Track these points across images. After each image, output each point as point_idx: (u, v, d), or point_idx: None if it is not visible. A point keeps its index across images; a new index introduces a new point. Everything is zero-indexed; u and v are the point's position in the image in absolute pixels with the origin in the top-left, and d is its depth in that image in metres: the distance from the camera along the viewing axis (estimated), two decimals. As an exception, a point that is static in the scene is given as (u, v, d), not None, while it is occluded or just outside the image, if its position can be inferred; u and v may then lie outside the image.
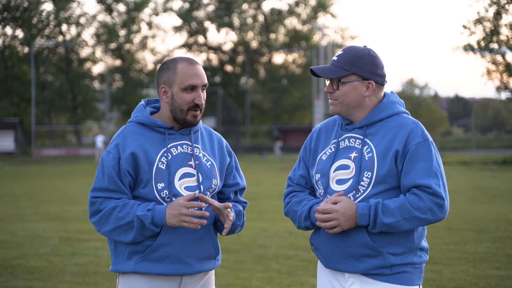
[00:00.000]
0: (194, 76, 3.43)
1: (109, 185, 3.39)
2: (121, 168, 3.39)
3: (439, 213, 3.28)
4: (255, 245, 10.66)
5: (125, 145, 3.43)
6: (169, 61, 3.49)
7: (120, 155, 3.41)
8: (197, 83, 3.43)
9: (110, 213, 3.36)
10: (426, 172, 3.26)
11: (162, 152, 3.43)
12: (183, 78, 3.42)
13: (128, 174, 3.40)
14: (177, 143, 3.48)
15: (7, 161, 41.34)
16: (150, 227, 3.31)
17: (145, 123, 3.48)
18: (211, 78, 68.61)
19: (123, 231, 3.36)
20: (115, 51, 61.62)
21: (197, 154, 3.50)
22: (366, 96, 3.38)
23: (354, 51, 3.39)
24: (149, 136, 3.46)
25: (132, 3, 61.14)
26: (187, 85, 3.41)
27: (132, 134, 3.46)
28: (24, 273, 8.52)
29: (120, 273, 3.48)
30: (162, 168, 3.41)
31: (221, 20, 64.99)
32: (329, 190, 3.38)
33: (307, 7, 66.50)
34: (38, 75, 57.17)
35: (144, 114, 3.50)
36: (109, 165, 3.41)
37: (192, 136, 3.51)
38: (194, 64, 3.46)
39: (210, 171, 3.51)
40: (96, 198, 3.40)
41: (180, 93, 3.42)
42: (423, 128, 3.36)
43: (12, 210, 15.37)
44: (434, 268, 8.76)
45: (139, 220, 3.31)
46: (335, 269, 3.39)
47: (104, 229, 3.39)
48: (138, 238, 3.36)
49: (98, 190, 3.40)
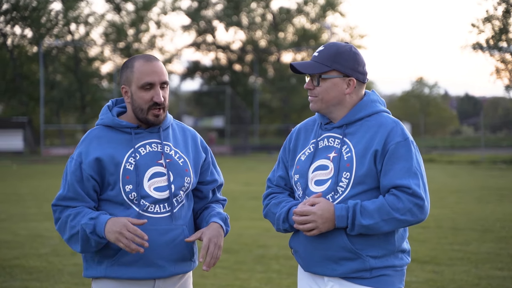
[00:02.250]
0: (151, 73, 3.30)
1: (68, 193, 3.32)
2: (83, 173, 3.31)
3: (419, 214, 3.18)
4: (256, 245, 10.59)
5: (88, 151, 3.34)
6: (128, 60, 3.40)
7: (82, 160, 3.32)
8: (154, 80, 3.31)
9: (66, 222, 3.29)
10: (406, 172, 3.17)
11: (130, 153, 3.34)
12: (140, 76, 3.31)
13: (92, 179, 3.31)
14: (146, 142, 3.38)
15: (16, 160, 41.41)
16: (92, 237, 3.21)
17: (111, 125, 3.39)
18: (220, 77, 68.57)
19: (75, 240, 3.28)
20: (123, 50, 61.60)
21: (168, 152, 3.39)
22: (347, 94, 3.30)
23: (335, 47, 3.31)
24: (115, 138, 3.37)
25: (140, 2, 61.12)
26: (143, 83, 3.30)
27: (97, 139, 3.37)
28: (22, 273, 8.49)
29: (93, 278, 3.40)
30: (130, 169, 3.32)
31: (230, 19, 64.92)
32: (307, 191, 3.30)
33: (316, 6, 66.36)
34: (47, 75, 57.25)
35: (109, 116, 3.41)
36: (70, 172, 3.34)
37: (162, 133, 3.41)
38: (151, 61, 3.33)
39: (183, 168, 3.40)
40: (56, 207, 3.35)
41: (138, 92, 3.32)
42: (403, 127, 3.27)
43: (16, 210, 15.37)
44: (436, 269, 8.68)
45: (82, 230, 3.23)
46: (314, 273, 3.31)
47: (64, 238, 3.33)
48: (87, 249, 3.26)
49: (57, 199, 3.34)
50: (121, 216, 3.29)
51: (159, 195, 3.33)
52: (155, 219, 3.32)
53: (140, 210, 3.31)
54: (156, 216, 3.33)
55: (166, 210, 3.35)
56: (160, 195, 3.33)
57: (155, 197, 3.32)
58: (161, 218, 3.34)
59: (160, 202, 3.34)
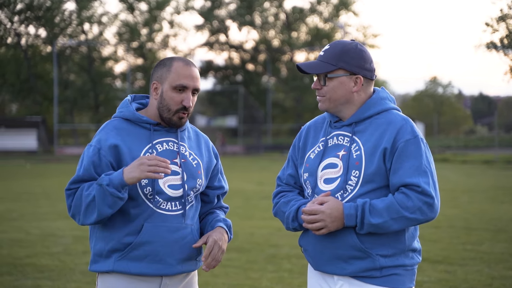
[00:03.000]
0: (188, 76, 3.33)
1: (83, 176, 3.29)
2: (102, 159, 3.30)
3: (429, 213, 3.15)
4: (268, 244, 10.56)
5: (107, 138, 3.33)
6: (167, 59, 3.41)
7: (101, 147, 3.31)
8: (189, 84, 3.33)
9: (80, 195, 3.25)
10: (415, 170, 3.14)
11: (147, 148, 3.35)
12: (176, 77, 3.32)
13: (111, 166, 3.30)
14: (163, 139, 3.39)
15: (30, 160, 41.58)
16: (108, 190, 3.16)
17: (130, 118, 3.40)
18: (233, 77, 68.58)
19: (91, 209, 3.22)
20: (137, 50, 61.78)
21: (183, 152, 3.42)
22: (354, 92, 3.27)
23: (340, 45, 3.28)
24: (134, 131, 3.37)
25: (154, 2, 61.27)
26: (177, 84, 3.32)
27: (116, 129, 3.37)
28: (34, 272, 8.49)
29: (99, 273, 3.39)
30: None
31: (243, 19, 64.96)
32: (317, 190, 3.28)
33: (329, 5, 66.31)
34: (61, 74, 57.48)
35: (129, 109, 3.41)
36: (88, 157, 3.31)
37: (179, 134, 3.42)
38: (190, 66, 3.36)
39: (196, 170, 3.42)
40: (70, 190, 3.30)
41: (169, 92, 3.33)
42: (413, 125, 3.23)
43: (29, 209, 15.40)
44: (449, 269, 8.63)
45: (98, 186, 3.19)
46: (324, 272, 3.28)
47: (80, 215, 3.26)
48: (104, 210, 3.20)
49: (71, 182, 3.31)
50: (134, 213, 3.30)
51: (172, 193, 3.34)
52: (167, 216, 3.33)
53: (154, 206, 3.32)
54: (168, 213, 3.34)
55: (178, 208, 3.35)
56: (174, 193, 3.34)
57: (169, 195, 3.33)
58: (173, 216, 3.35)
59: (173, 200, 3.34)
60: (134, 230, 3.30)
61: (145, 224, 3.29)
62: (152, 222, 3.29)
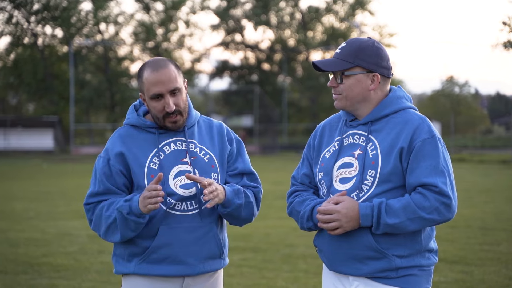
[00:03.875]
0: (157, 83, 3.27)
1: (98, 189, 3.33)
2: (112, 169, 3.33)
3: (446, 213, 3.11)
4: (284, 244, 10.53)
5: (113, 148, 3.36)
6: (140, 68, 3.38)
7: (110, 157, 3.35)
8: (161, 91, 3.28)
9: (100, 215, 3.30)
10: (433, 170, 3.10)
11: (154, 153, 3.34)
12: (148, 88, 3.30)
13: (122, 174, 3.33)
14: (171, 140, 3.38)
15: (46, 159, 41.75)
16: (130, 218, 3.20)
17: (136, 124, 3.41)
18: (248, 76, 68.54)
19: (113, 230, 3.28)
20: (153, 49, 61.86)
21: (193, 150, 3.39)
22: (371, 90, 3.23)
23: (357, 42, 3.24)
24: (140, 137, 3.38)
25: (169, 2, 61.33)
26: (152, 94, 3.29)
27: (121, 138, 3.39)
28: (49, 271, 8.52)
29: (123, 275, 3.41)
30: (154, 169, 3.32)
31: (258, 18, 64.91)
32: (332, 189, 3.24)
33: (345, 5, 66.14)
34: (77, 74, 57.67)
35: (134, 116, 3.43)
36: (99, 169, 3.35)
37: (187, 131, 3.40)
38: (157, 70, 3.28)
39: (209, 165, 3.39)
40: (88, 205, 3.36)
41: (150, 102, 3.33)
42: (430, 124, 3.19)
43: (45, 208, 15.47)
44: (465, 269, 8.56)
45: (119, 213, 3.22)
46: (339, 272, 3.25)
47: (101, 232, 3.33)
48: (127, 234, 3.25)
49: (89, 197, 3.35)
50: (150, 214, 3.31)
51: (185, 192, 3.32)
52: (182, 217, 3.32)
53: (167, 208, 3.31)
54: (184, 213, 3.32)
55: (193, 207, 3.33)
56: (186, 192, 3.32)
57: (181, 195, 3.31)
58: (189, 216, 3.33)
59: (187, 199, 3.32)
60: (150, 234, 3.30)
61: (160, 227, 3.29)
62: (167, 224, 3.29)
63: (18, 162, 38.36)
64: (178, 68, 3.36)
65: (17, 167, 33.83)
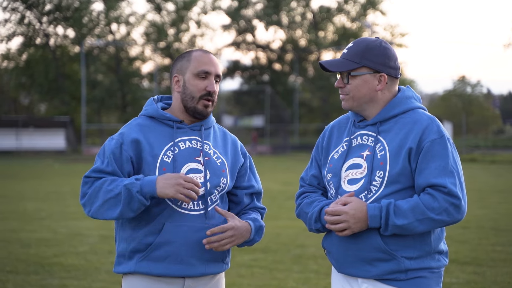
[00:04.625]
0: (208, 62, 3.35)
1: (106, 167, 3.27)
2: (123, 153, 3.28)
3: (456, 214, 3.07)
4: (294, 244, 10.51)
5: (130, 133, 3.33)
6: (185, 52, 3.44)
7: (124, 141, 3.30)
8: (211, 70, 3.34)
9: (100, 187, 3.22)
10: (442, 170, 3.06)
11: (169, 146, 3.32)
12: (197, 65, 3.34)
13: (130, 162, 3.29)
14: (186, 138, 3.36)
15: (58, 159, 41.89)
16: (137, 196, 3.15)
17: (154, 116, 3.39)
18: (260, 77, 68.52)
19: (111, 205, 3.20)
20: (164, 50, 61.97)
21: (207, 151, 3.38)
22: (378, 90, 3.20)
23: (364, 42, 3.21)
24: (157, 129, 3.36)
25: (181, 2, 61.40)
26: (200, 71, 3.33)
27: (139, 126, 3.37)
28: (60, 271, 8.52)
29: (123, 275, 3.38)
30: (167, 162, 3.29)
31: (270, 18, 64.89)
32: (340, 191, 3.21)
33: (356, 5, 66.03)
34: (89, 74, 57.82)
35: (154, 107, 3.41)
36: (110, 149, 3.30)
37: (203, 132, 3.39)
38: (209, 54, 3.40)
39: (220, 168, 3.37)
40: (89, 178, 3.28)
41: (192, 80, 3.34)
42: (439, 124, 3.15)
43: (57, 208, 15.50)
44: (478, 270, 8.51)
45: (126, 189, 3.16)
46: (348, 274, 3.22)
47: (93, 206, 3.23)
48: (126, 212, 3.19)
49: (92, 171, 3.28)
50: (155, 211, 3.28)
51: None
52: (188, 216, 3.29)
53: (174, 204, 3.28)
54: (190, 213, 3.29)
55: (200, 208, 3.31)
56: None
57: None
58: (195, 216, 3.30)
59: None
60: (155, 230, 3.27)
61: (166, 224, 3.26)
62: (173, 221, 3.26)
63: (30, 162, 38.50)
64: None
65: (28, 167, 33.95)
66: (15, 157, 45.01)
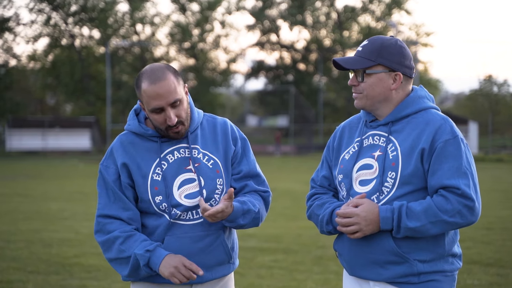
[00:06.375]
0: (157, 97, 3.12)
1: (114, 203, 3.24)
2: (122, 182, 3.25)
3: (469, 216, 2.99)
4: (316, 245, 10.44)
5: (117, 157, 3.27)
6: (137, 77, 3.24)
7: (118, 167, 3.26)
8: (161, 104, 3.13)
9: (113, 242, 3.20)
10: (455, 171, 2.98)
11: (156, 163, 3.24)
12: (148, 101, 3.15)
13: (130, 187, 3.25)
14: (174, 147, 3.27)
15: (83, 159, 42.13)
16: (144, 269, 3.16)
17: (137, 132, 3.30)
18: (284, 76, 68.45)
19: (122, 263, 3.21)
20: (188, 50, 62.13)
21: (196, 156, 3.28)
22: (393, 89, 3.12)
23: (380, 40, 3.14)
24: (142, 145, 3.28)
25: (205, 3, 61.53)
26: (152, 108, 3.16)
27: (123, 146, 3.29)
28: (81, 272, 8.54)
29: (131, 282, 3.35)
30: (158, 180, 3.22)
31: (294, 18, 64.80)
32: (352, 192, 3.15)
33: (381, 4, 65.72)
34: (114, 75, 58.12)
35: (135, 123, 3.30)
36: (110, 180, 3.26)
37: (190, 137, 3.29)
38: (155, 83, 3.13)
39: (213, 170, 3.27)
40: (101, 218, 3.25)
41: (151, 115, 3.20)
42: (452, 124, 3.08)
43: (80, 208, 15.56)
44: (501, 272, 8.39)
45: (135, 259, 3.16)
46: (359, 277, 3.16)
47: (107, 256, 3.26)
48: (134, 275, 3.21)
49: (101, 209, 3.25)
50: (153, 225, 3.25)
51: (190, 202, 3.23)
52: (188, 226, 3.24)
53: (172, 219, 3.23)
54: (189, 223, 3.24)
55: (199, 216, 3.24)
56: (191, 202, 3.23)
57: (187, 205, 3.23)
58: (195, 225, 3.24)
59: (192, 209, 3.24)
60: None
61: (166, 238, 3.22)
62: (172, 234, 3.21)
63: (55, 162, 38.76)
64: (177, 75, 3.23)
65: (54, 167, 34.18)
66: (41, 157, 45.35)
